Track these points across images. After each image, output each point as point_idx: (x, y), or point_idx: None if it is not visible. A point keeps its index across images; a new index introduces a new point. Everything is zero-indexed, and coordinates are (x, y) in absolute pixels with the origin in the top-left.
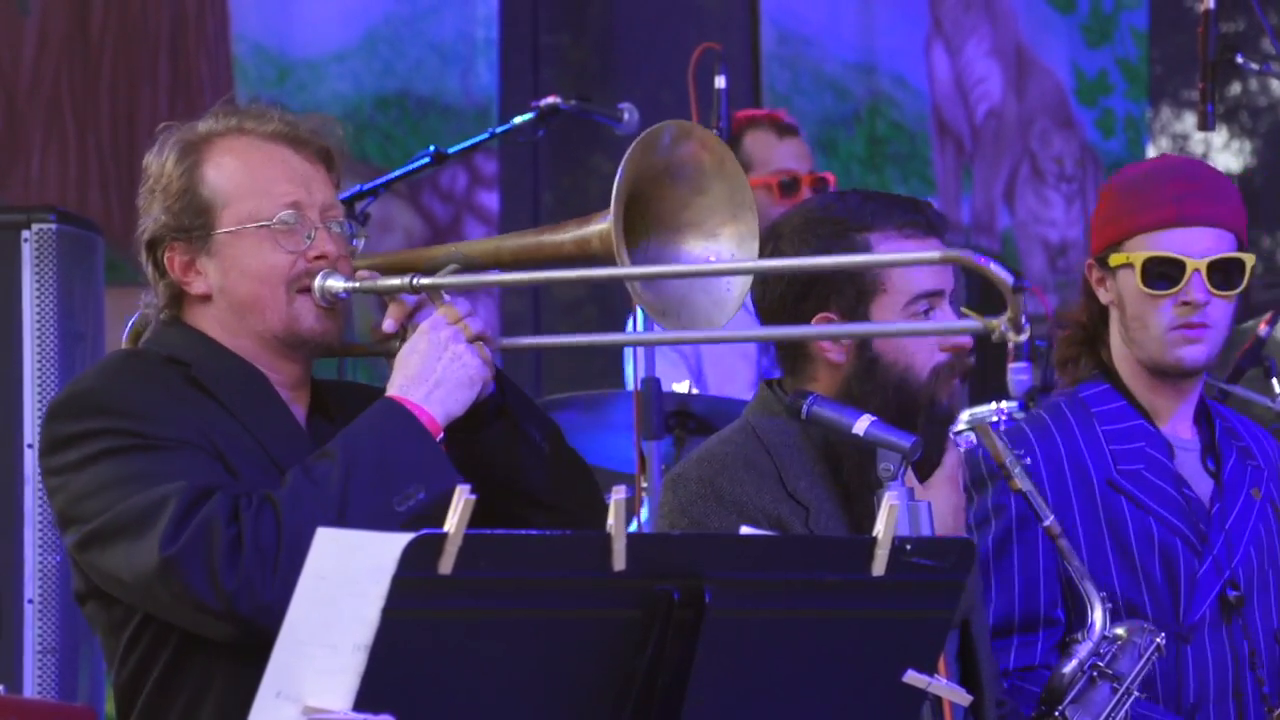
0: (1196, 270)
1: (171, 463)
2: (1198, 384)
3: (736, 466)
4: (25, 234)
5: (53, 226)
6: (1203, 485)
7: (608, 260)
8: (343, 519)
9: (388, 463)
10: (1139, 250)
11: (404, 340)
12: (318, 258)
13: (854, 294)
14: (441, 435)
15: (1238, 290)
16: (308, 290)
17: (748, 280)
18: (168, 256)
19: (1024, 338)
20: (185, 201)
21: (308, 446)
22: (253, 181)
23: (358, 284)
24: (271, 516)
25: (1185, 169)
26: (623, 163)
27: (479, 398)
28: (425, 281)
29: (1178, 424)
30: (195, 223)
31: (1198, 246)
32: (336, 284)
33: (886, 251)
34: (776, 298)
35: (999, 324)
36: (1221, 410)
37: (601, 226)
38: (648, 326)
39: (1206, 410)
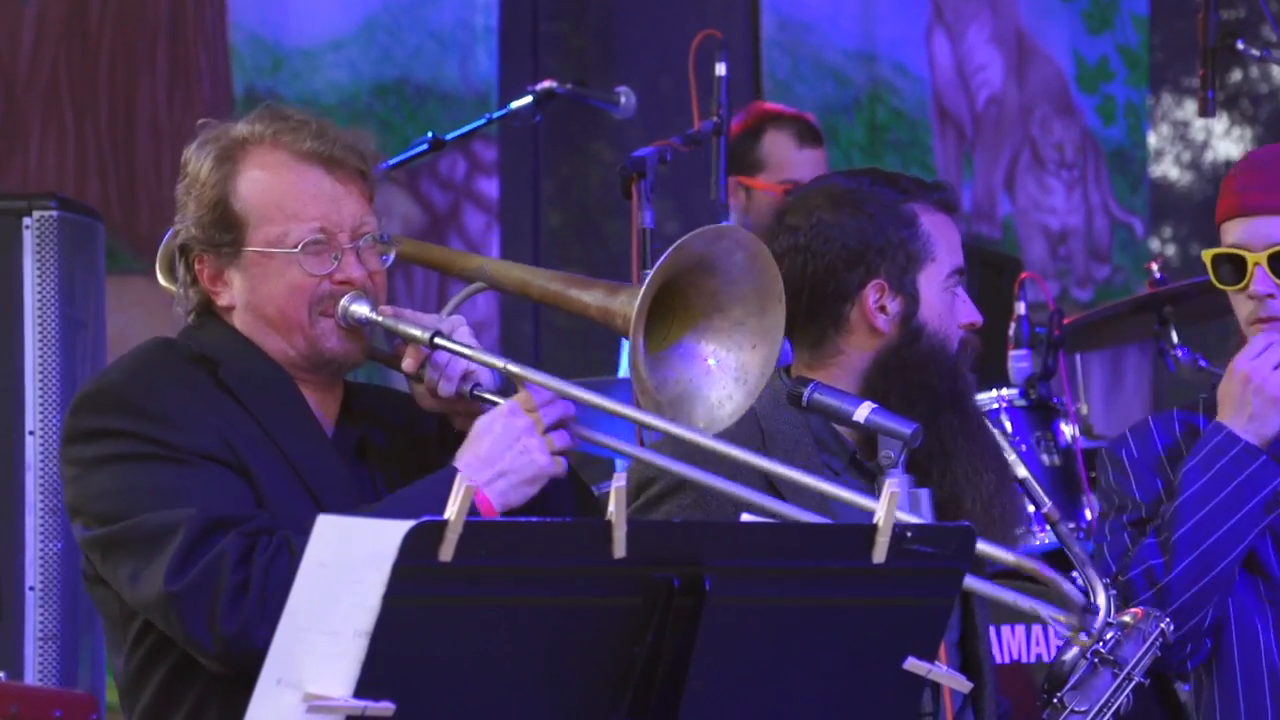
0: (1258, 264)
1: (190, 480)
2: None
3: (715, 455)
4: (26, 221)
5: (54, 214)
6: None
7: (626, 333)
8: None
9: None
10: (1214, 246)
11: (420, 379)
12: (343, 282)
13: (904, 260)
14: None
15: None
16: (331, 313)
17: (743, 404)
18: (198, 266)
19: (1089, 644)
20: (217, 215)
21: (331, 453)
22: (283, 203)
23: (380, 318)
24: (285, 564)
25: (1262, 158)
26: (658, 263)
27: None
28: (443, 342)
29: None
30: (225, 238)
31: (1260, 238)
32: (361, 310)
33: (931, 223)
34: (824, 266)
35: (1069, 626)
36: None
37: (626, 307)
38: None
39: None
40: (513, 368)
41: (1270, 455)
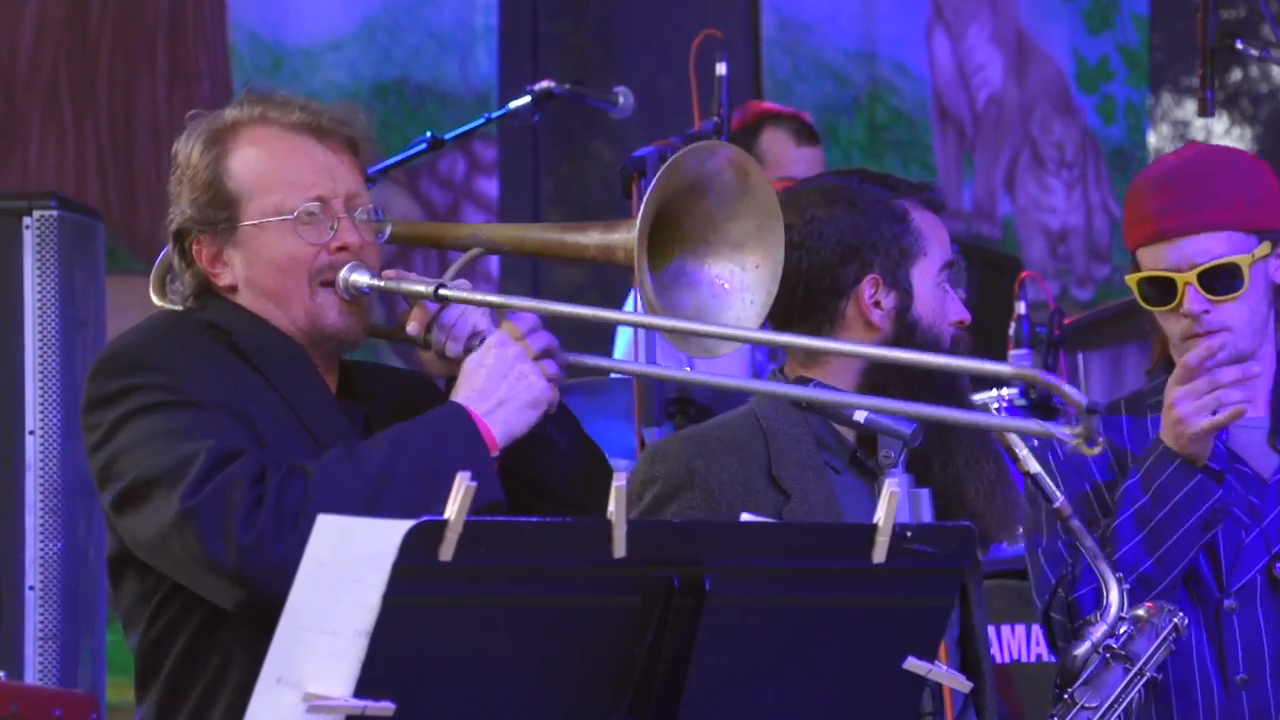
0: (1188, 284)
1: (206, 421)
2: (1258, 367)
3: (720, 450)
4: (27, 220)
5: (54, 213)
6: (1267, 461)
7: (629, 268)
8: (374, 504)
9: (436, 462)
10: (1138, 270)
11: (427, 344)
12: (340, 249)
13: (898, 255)
14: (497, 454)
15: (1239, 292)
16: (331, 284)
17: (755, 323)
18: (195, 248)
19: (1097, 452)
20: (210, 194)
21: (342, 420)
22: (276, 174)
23: (382, 282)
24: (300, 484)
25: (1173, 174)
26: (651, 185)
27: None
28: (449, 293)
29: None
30: (220, 215)
31: (1185, 259)
32: (361, 279)
33: (921, 219)
34: (819, 263)
35: (1074, 436)
36: None
37: (626, 238)
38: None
39: None
40: (492, 298)
41: (1206, 474)
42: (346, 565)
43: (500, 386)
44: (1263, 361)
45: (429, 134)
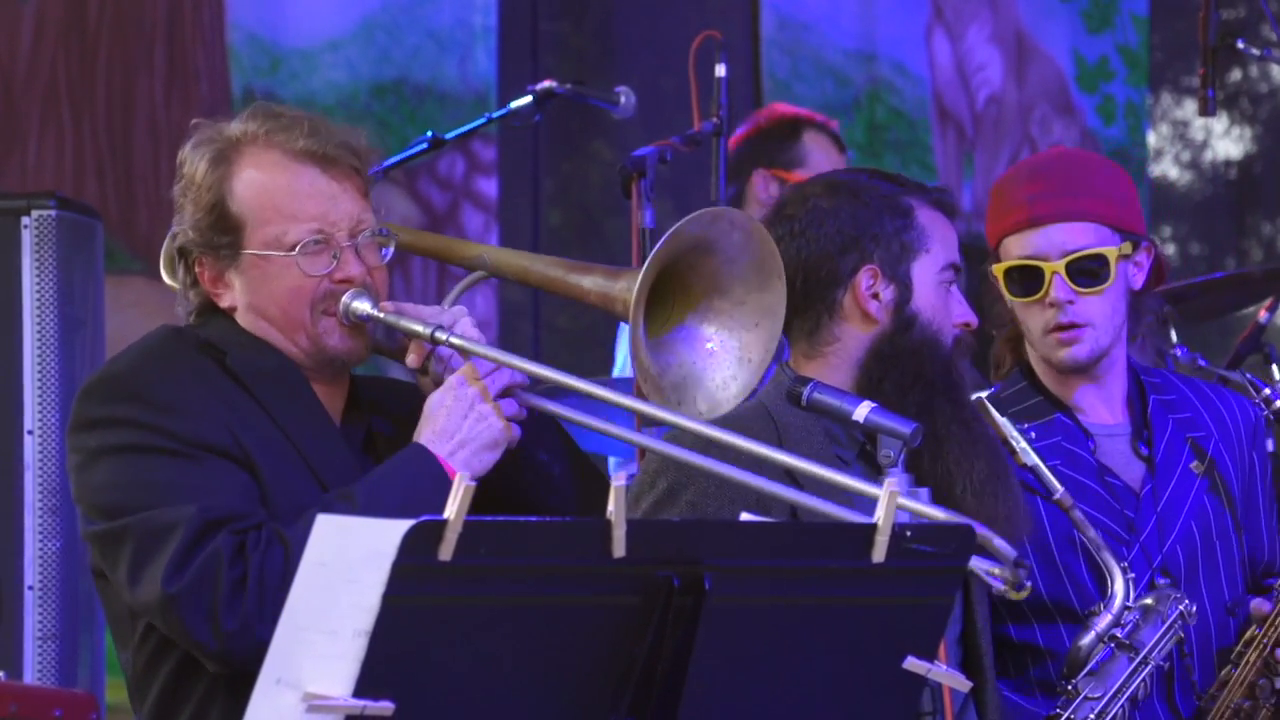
0: (1056, 272)
1: (192, 475)
2: (1114, 370)
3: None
4: (25, 220)
5: (53, 213)
6: (1133, 470)
7: (626, 318)
8: None
9: (411, 509)
10: (1002, 259)
11: (425, 371)
12: (343, 280)
13: (898, 249)
14: None
15: (1105, 285)
16: (332, 312)
17: (748, 384)
18: (198, 269)
19: (1023, 596)
20: (214, 218)
21: (340, 444)
22: (279, 204)
23: (382, 315)
24: (280, 556)
25: (1044, 166)
26: (654, 249)
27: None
28: (445, 337)
29: (1102, 412)
30: (223, 241)
31: (1054, 247)
32: (362, 307)
33: (927, 217)
34: (819, 251)
35: (1003, 582)
36: (1167, 382)
37: (626, 294)
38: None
39: (1142, 390)
40: (454, 340)
41: None
42: (346, 565)
43: (461, 427)
44: (1116, 364)
45: (430, 134)
